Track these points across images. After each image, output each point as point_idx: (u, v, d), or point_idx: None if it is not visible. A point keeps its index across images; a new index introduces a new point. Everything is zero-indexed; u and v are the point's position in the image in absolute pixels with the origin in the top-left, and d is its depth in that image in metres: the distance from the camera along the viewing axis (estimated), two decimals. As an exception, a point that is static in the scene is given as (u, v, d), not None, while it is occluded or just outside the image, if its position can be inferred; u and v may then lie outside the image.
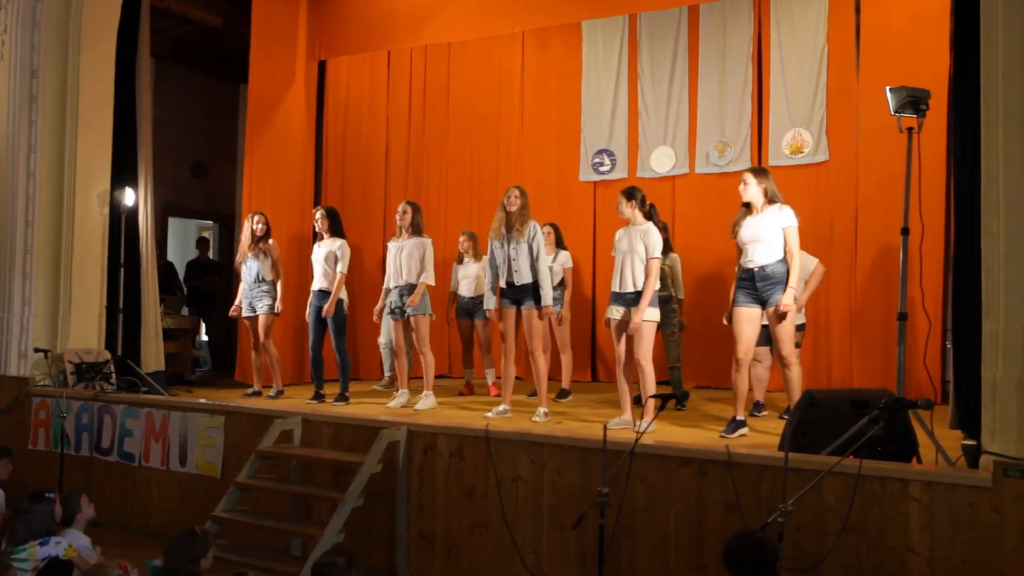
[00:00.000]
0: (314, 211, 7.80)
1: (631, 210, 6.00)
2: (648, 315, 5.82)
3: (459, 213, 9.90)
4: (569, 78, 9.46)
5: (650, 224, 6.02)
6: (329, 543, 5.08)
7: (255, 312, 7.69)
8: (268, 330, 7.67)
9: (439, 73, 10.09)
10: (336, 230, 7.56)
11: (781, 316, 5.49)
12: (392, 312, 7.06)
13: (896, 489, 4.11)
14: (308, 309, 7.54)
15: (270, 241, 7.74)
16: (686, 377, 7.68)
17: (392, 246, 7.11)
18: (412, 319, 6.90)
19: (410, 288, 6.91)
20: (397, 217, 7.08)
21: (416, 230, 7.00)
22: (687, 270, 7.66)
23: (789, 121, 8.33)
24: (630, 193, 6.04)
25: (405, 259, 6.93)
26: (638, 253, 5.89)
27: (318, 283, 7.44)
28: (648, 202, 6.17)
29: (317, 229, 7.63)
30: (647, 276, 5.86)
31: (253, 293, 7.69)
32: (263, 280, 7.66)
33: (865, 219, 7.96)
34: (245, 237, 7.80)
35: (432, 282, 6.99)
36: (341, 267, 7.37)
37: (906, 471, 4.17)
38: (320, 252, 7.49)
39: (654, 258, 5.88)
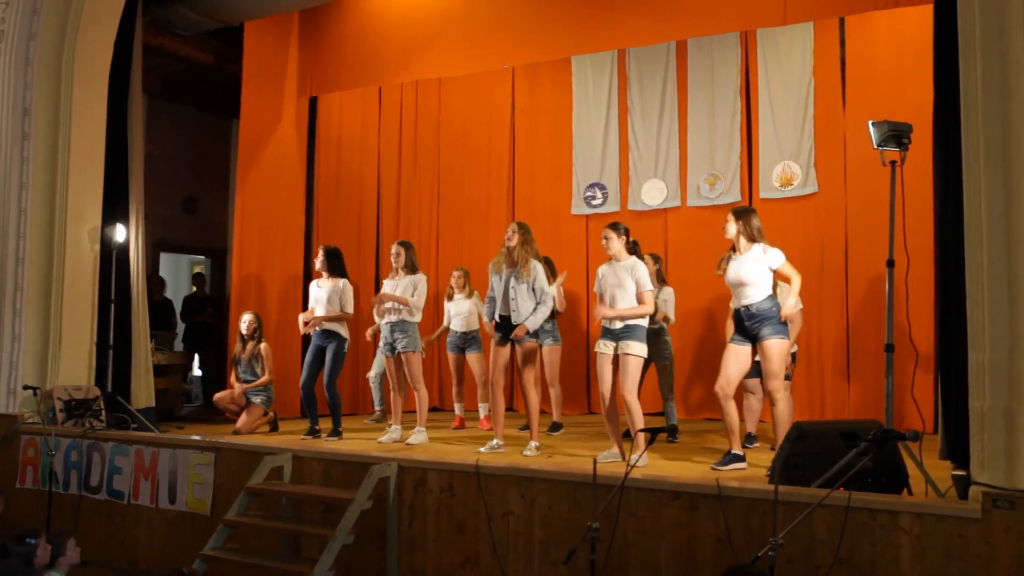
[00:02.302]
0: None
1: (619, 244, 6.01)
2: (635, 350, 5.82)
3: (450, 248, 9.93)
4: (560, 113, 9.54)
5: (635, 258, 6.02)
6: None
7: (248, 403, 7.74)
8: (253, 423, 7.66)
9: (430, 108, 10.17)
10: (336, 269, 7.51)
11: (768, 351, 5.50)
12: (384, 348, 7.07)
13: (886, 521, 4.09)
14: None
15: (262, 345, 7.84)
16: (678, 408, 7.67)
17: (387, 284, 7.14)
18: (403, 356, 6.91)
19: (402, 324, 6.93)
20: (392, 259, 7.12)
21: (411, 268, 7.05)
22: (679, 303, 7.67)
23: (778, 154, 8.40)
24: (618, 228, 6.03)
25: (400, 295, 6.96)
26: (626, 288, 5.87)
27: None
28: (631, 239, 6.19)
29: (318, 267, 7.62)
30: (641, 304, 5.85)
31: (249, 392, 7.77)
32: (258, 379, 7.80)
33: (855, 250, 8.00)
34: (238, 336, 7.93)
35: (420, 306, 7.00)
36: (348, 308, 7.40)
37: (896, 503, 4.16)
38: (321, 292, 7.44)
39: (648, 291, 5.90)
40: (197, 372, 11.51)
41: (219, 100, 10.77)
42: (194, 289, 11.36)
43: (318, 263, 7.59)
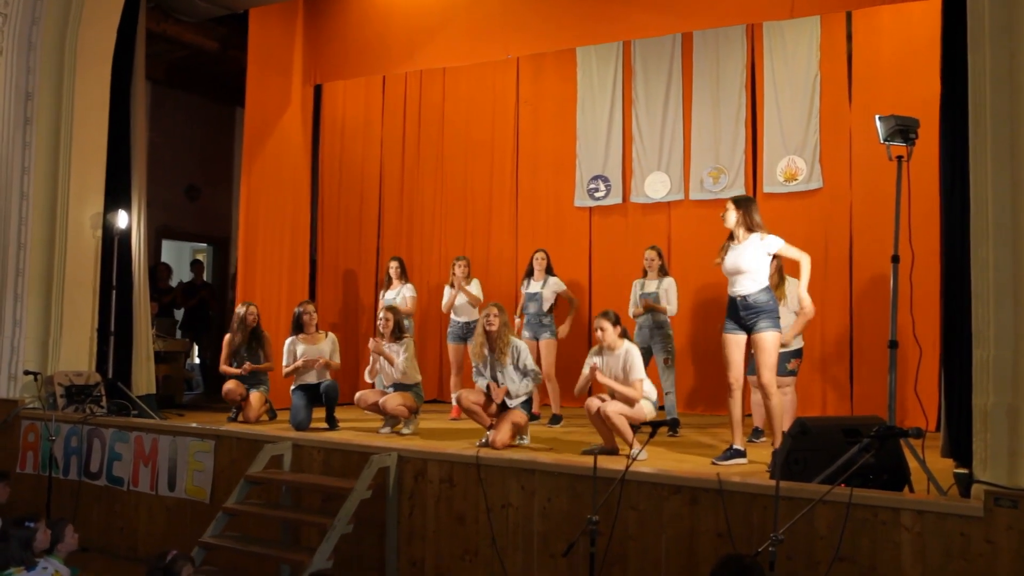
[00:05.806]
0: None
1: (614, 335, 6.06)
2: (643, 411, 5.94)
3: (453, 238, 9.90)
4: (564, 104, 9.49)
5: (629, 344, 6.10)
6: (317, 569, 5.03)
7: (249, 392, 7.74)
8: (259, 411, 7.68)
9: (434, 98, 10.12)
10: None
11: (762, 343, 5.48)
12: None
13: (888, 518, 4.08)
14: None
15: (263, 334, 7.90)
16: (680, 403, 7.65)
17: (374, 348, 7.18)
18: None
19: (404, 384, 7.07)
20: (379, 324, 7.20)
21: (398, 333, 7.14)
22: (682, 296, 7.66)
23: (783, 148, 8.35)
24: (608, 316, 6.08)
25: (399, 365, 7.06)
26: (619, 379, 5.98)
27: None
28: (621, 326, 6.20)
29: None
30: (635, 393, 5.92)
31: (250, 380, 7.77)
32: (259, 370, 7.82)
33: (859, 245, 7.97)
34: (237, 326, 7.89)
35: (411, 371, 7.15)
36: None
37: (898, 500, 4.14)
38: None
39: (639, 379, 5.96)
40: (196, 360, 11.49)
41: (223, 87, 10.75)
42: (192, 276, 11.34)
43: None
